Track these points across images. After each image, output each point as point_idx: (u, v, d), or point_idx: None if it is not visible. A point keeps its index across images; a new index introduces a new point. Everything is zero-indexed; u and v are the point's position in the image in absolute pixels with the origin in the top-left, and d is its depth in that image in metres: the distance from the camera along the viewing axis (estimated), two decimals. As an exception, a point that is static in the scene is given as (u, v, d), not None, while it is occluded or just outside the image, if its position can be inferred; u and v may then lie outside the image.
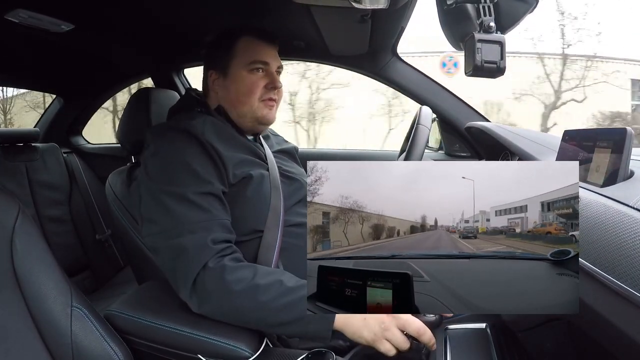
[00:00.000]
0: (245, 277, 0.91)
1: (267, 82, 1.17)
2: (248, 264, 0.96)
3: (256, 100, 1.16)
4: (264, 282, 0.90)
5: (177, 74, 2.21)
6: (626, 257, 0.59)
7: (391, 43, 1.76)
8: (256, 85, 1.16)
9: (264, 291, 0.89)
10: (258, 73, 1.17)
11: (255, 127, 1.21)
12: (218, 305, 0.91)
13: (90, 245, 2.30)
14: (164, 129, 1.09)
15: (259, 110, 1.17)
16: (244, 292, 0.89)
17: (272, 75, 1.18)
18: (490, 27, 0.80)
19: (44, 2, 1.20)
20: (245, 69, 1.16)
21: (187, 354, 0.91)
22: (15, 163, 2.10)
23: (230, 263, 0.93)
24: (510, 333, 1.00)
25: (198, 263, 0.91)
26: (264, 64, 1.17)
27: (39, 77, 2.21)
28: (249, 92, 1.16)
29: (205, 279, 0.91)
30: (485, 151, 1.81)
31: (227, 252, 0.96)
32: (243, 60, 1.16)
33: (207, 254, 0.92)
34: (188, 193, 0.97)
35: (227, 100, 1.19)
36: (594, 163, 0.84)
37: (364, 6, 0.84)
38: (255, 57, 1.16)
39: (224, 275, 0.90)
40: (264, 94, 1.17)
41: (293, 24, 1.45)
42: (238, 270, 0.92)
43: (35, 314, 0.86)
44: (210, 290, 0.91)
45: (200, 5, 1.28)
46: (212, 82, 1.20)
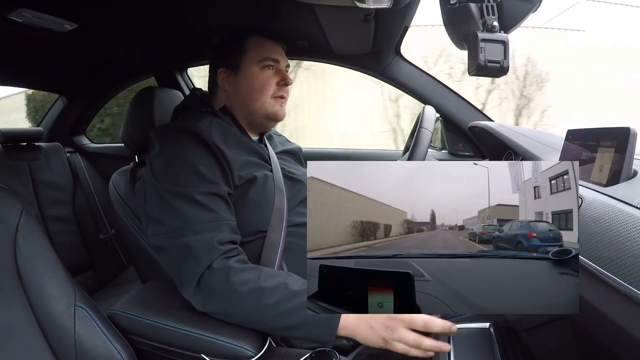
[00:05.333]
0: (250, 279, 0.91)
1: (278, 79, 1.19)
2: (253, 265, 0.97)
3: (268, 97, 1.18)
4: (269, 284, 0.90)
5: (180, 73, 2.21)
6: (629, 256, 0.59)
7: (395, 42, 1.75)
8: (268, 81, 1.17)
9: (268, 294, 0.89)
10: (269, 70, 1.18)
11: (265, 123, 1.22)
12: (222, 305, 0.91)
13: (94, 245, 2.30)
14: (169, 129, 1.10)
15: (271, 106, 1.18)
16: (248, 294, 0.89)
17: (282, 72, 1.20)
18: (493, 27, 0.80)
19: (48, 2, 1.20)
20: (257, 66, 1.17)
21: (191, 354, 0.91)
22: (18, 162, 2.11)
23: (236, 264, 0.93)
24: (514, 332, 1.00)
25: (204, 263, 0.92)
26: (274, 61, 1.18)
27: (42, 77, 2.21)
28: (261, 88, 1.17)
29: (210, 279, 0.91)
30: (489, 151, 1.80)
31: (233, 254, 0.96)
32: (255, 57, 1.17)
33: (213, 254, 0.93)
34: (194, 193, 0.98)
35: (237, 97, 1.19)
36: (598, 162, 0.84)
37: (368, 5, 0.85)
38: (267, 54, 1.17)
39: (229, 277, 0.90)
40: (276, 90, 1.18)
41: (296, 23, 1.45)
42: (243, 272, 0.92)
43: (39, 314, 0.86)
44: (215, 291, 0.91)
45: (203, 4, 1.28)
46: (222, 79, 1.20)
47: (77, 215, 2.28)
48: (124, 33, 1.58)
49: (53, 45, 1.63)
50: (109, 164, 1.94)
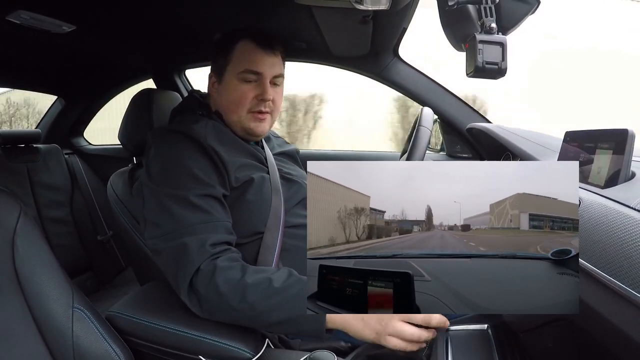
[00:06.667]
0: (233, 278, 0.90)
1: (257, 94, 1.14)
2: (240, 263, 0.95)
3: (245, 111, 1.14)
4: (252, 280, 0.90)
5: (178, 75, 2.21)
6: (627, 258, 0.59)
7: (393, 44, 1.76)
8: (245, 96, 1.13)
9: (251, 291, 0.89)
10: (249, 84, 1.14)
11: (245, 136, 1.19)
12: (211, 306, 0.91)
13: (92, 247, 2.30)
14: (165, 132, 1.10)
15: (247, 121, 1.15)
16: (231, 292, 0.89)
17: (263, 86, 1.14)
18: (491, 28, 0.81)
19: (46, 3, 1.20)
20: (236, 78, 1.13)
21: (189, 355, 0.91)
22: (16, 164, 2.11)
23: (222, 264, 0.92)
24: (512, 334, 1.00)
25: (194, 265, 0.92)
26: (256, 74, 1.14)
27: (40, 78, 2.21)
28: (237, 102, 1.14)
29: (199, 280, 0.91)
30: (487, 152, 1.81)
31: (222, 254, 0.95)
32: (236, 68, 1.13)
33: (203, 256, 0.92)
34: (189, 196, 0.98)
35: (220, 107, 1.19)
36: (596, 164, 0.84)
37: (366, 7, 0.84)
38: (248, 66, 1.13)
39: (214, 277, 0.90)
40: (253, 105, 1.14)
41: (294, 25, 1.45)
42: (227, 271, 0.91)
43: (37, 315, 0.86)
44: (202, 292, 0.91)
45: (201, 6, 1.29)
46: (211, 85, 1.21)
47: (75, 217, 2.27)
48: (122, 35, 1.58)
49: (51, 47, 1.63)
50: (107, 166, 1.94)
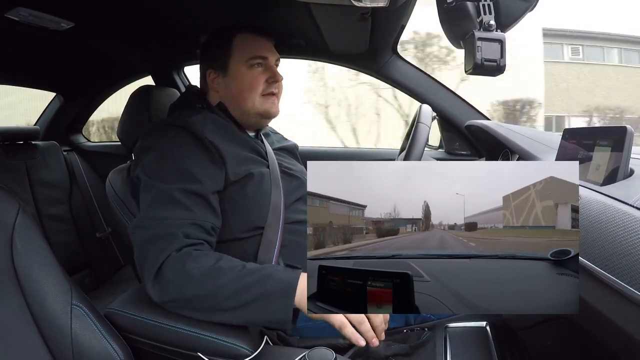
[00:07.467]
0: (207, 263, 0.89)
1: (267, 77, 1.18)
2: (215, 253, 0.95)
3: (258, 95, 1.17)
4: (227, 265, 0.89)
5: (177, 72, 2.21)
6: (626, 256, 0.59)
7: (391, 41, 1.75)
8: (257, 80, 1.17)
9: (223, 274, 0.88)
10: (258, 68, 1.17)
11: (258, 122, 1.22)
12: (175, 293, 0.89)
13: (91, 244, 2.30)
14: (161, 125, 1.10)
15: (262, 104, 1.18)
16: (203, 277, 0.87)
17: (271, 69, 1.19)
18: (490, 25, 0.80)
19: (44, 0, 1.20)
20: (244, 65, 1.16)
21: (188, 352, 0.91)
22: (15, 161, 2.10)
23: (195, 252, 0.91)
24: (511, 331, 1.01)
25: (164, 253, 0.90)
26: (262, 59, 1.17)
27: (38, 75, 2.20)
28: (250, 88, 1.16)
29: (169, 267, 0.89)
30: (486, 150, 1.81)
31: (198, 247, 0.93)
32: (242, 57, 1.16)
33: (175, 245, 0.91)
34: (173, 190, 0.97)
35: (229, 98, 1.19)
36: (594, 161, 0.84)
37: (364, 4, 0.84)
38: (254, 52, 1.16)
39: (185, 263, 0.88)
40: (265, 88, 1.17)
41: (293, 22, 1.45)
42: (201, 257, 0.90)
43: (36, 313, 0.86)
44: (170, 279, 0.88)
45: (199, 3, 1.28)
46: (212, 81, 1.20)
47: (74, 214, 2.27)
48: (121, 32, 1.58)
49: (50, 44, 1.62)
50: (105, 163, 1.93)
